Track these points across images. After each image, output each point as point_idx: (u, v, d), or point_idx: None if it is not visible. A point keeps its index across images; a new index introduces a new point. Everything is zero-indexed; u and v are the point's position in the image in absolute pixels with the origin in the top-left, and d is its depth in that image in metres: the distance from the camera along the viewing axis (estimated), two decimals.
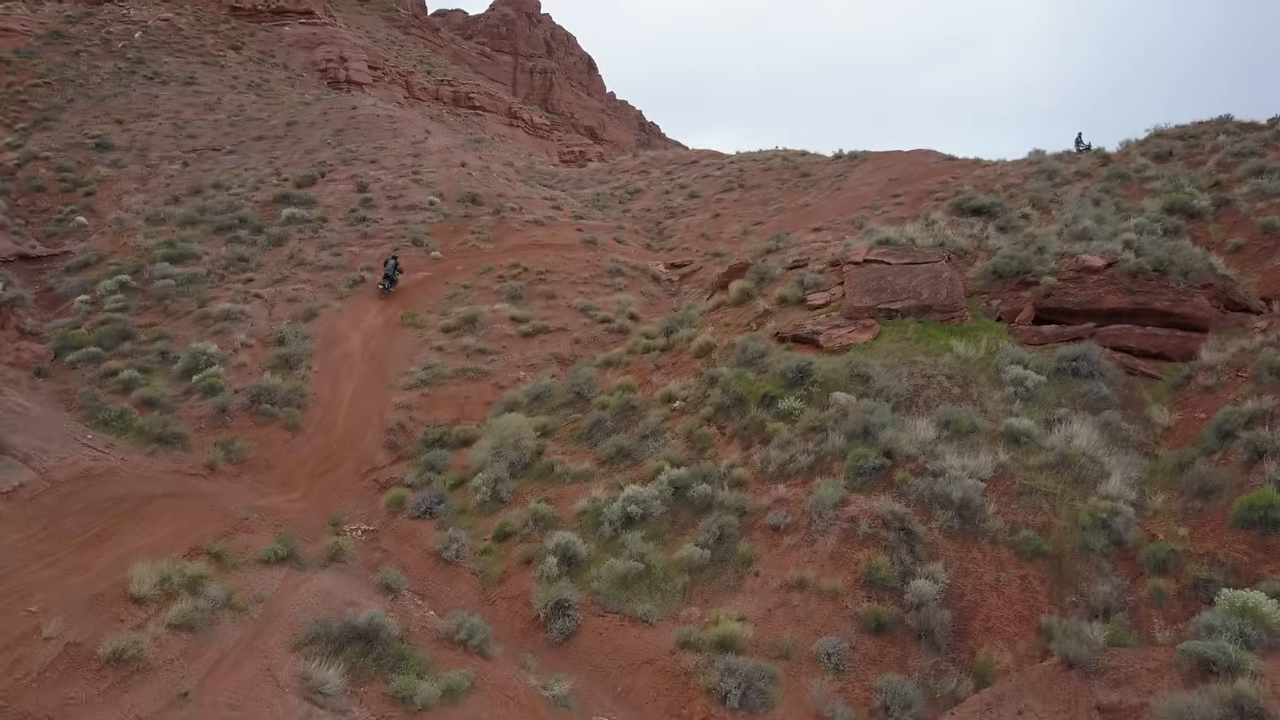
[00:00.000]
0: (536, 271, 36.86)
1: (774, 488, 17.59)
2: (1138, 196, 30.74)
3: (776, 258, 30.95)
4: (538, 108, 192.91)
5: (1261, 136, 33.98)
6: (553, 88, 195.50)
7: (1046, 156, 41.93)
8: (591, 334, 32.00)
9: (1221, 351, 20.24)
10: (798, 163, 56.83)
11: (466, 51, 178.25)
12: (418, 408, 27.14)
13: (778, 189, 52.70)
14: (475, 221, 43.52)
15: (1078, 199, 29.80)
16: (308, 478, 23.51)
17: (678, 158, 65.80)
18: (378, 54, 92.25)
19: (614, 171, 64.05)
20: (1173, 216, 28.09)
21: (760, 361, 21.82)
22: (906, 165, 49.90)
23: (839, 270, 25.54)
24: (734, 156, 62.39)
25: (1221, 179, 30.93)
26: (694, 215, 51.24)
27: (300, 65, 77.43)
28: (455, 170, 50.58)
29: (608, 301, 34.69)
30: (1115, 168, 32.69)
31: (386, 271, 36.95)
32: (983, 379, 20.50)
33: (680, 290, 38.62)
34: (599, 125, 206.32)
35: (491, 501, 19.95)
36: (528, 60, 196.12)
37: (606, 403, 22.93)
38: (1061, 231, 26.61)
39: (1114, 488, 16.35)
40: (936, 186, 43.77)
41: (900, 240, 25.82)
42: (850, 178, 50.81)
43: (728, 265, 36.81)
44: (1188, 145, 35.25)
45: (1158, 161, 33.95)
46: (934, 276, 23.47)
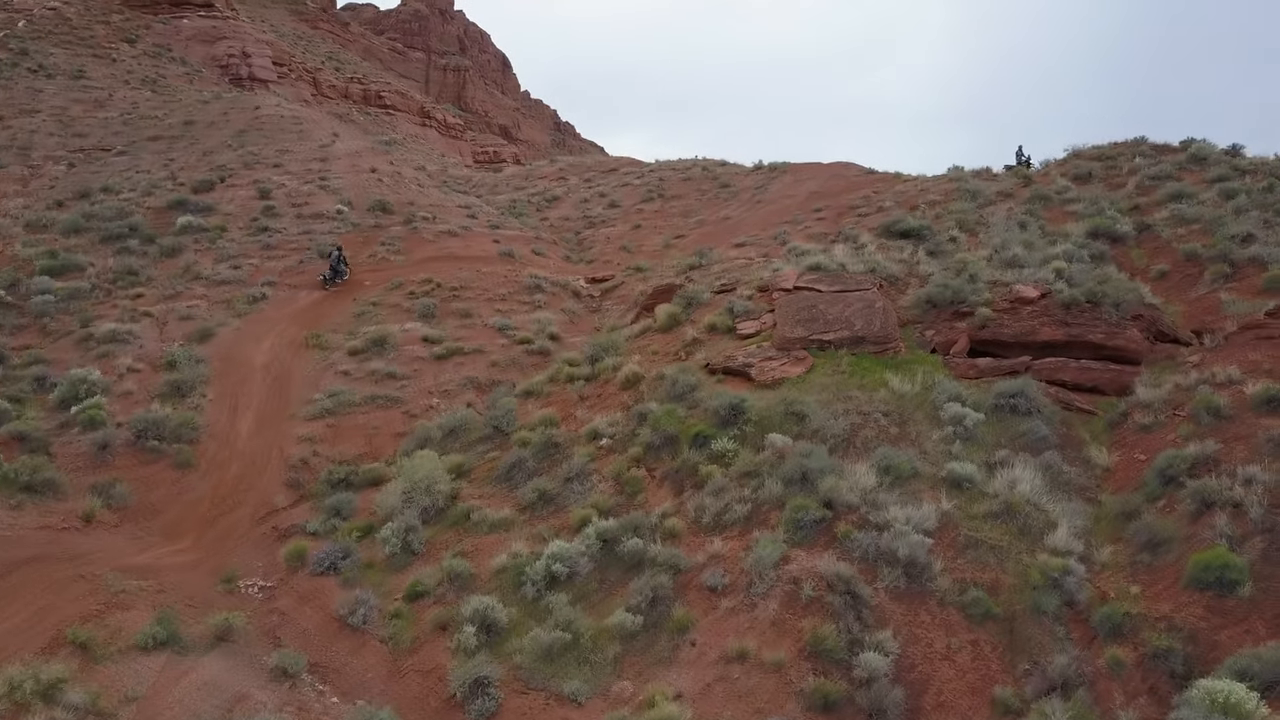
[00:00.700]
0: (450, 287, 35.09)
1: (709, 541, 16.42)
2: (1061, 220, 30.61)
3: (704, 281, 29.93)
4: (451, 106, 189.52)
5: (1176, 160, 34.33)
6: (466, 86, 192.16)
7: (965, 174, 41.89)
8: (510, 356, 30.44)
9: (1157, 388, 19.86)
10: (718, 173, 56.06)
11: (377, 47, 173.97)
12: (322, 440, 25.24)
13: (698, 200, 51.81)
14: (385, 232, 41.45)
15: (1004, 222, 29.51)
16: (199, 524, 21.47)
17: (596, 165, 64.46)
18: (283, 49, 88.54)
19: (530, 177, 62.38)
20: (1097, 241, 27.99)
21: (691, 396, 20.66)
22: (827, 178, 49.52)
23: (769, 297, 24.59)
24: (653, 165, 61.34)
25: (1141, 202, 31.05)
26: (614, 225, 50.00)
27: (200, 60, 73.53)
28: (365, 176, 48.29)
29: (527, 320, 33.16)
30: (1037, 189, 32.58)
31: (331, 263, 36.04)
32: (920, 416, 19.73)
33: (602, 307, 37.30)
34: (513, 124, 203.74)
35: (402, 554, 18.33)
36: (440, 57, 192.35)
37: (527, 439, 21.48)
38: (991, 257, 26.18)
39: (1061, 540, 15.65)
40: (858, 201, 43.39)
41: (831, 266, 25.00)
42: (770, 190, 50.22)
43: (652, 285, 35.67)
44: (1106, 167, 35.44)
45: (1078, 183, 34.00)
46: (867, 306, 22.66)
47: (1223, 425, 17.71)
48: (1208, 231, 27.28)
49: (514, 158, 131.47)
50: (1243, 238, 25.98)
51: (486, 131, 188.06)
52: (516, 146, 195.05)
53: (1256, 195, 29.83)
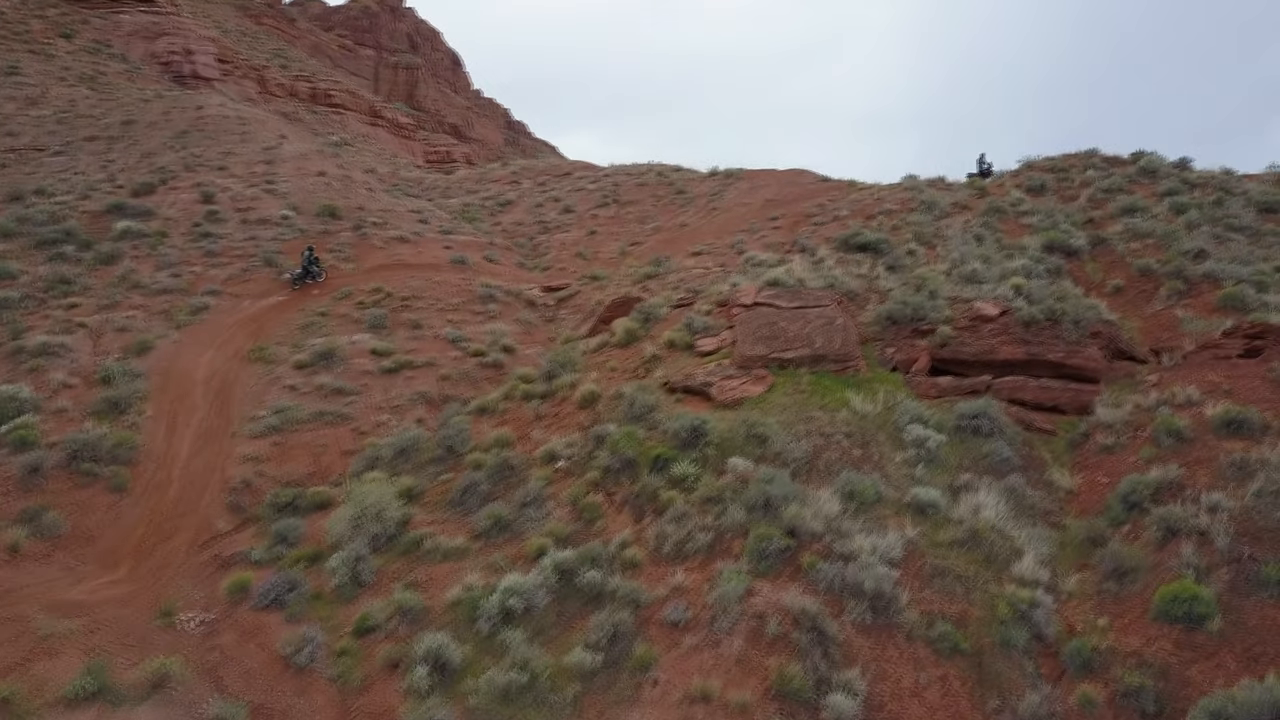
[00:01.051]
0: (400, 297, 34.19)
1: (671, 572, 15.91)
2: (1017, 232, 30.64)
3: (662, 292, 29.49)
4: (402, 104, 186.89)
5: (1127, 173, 34.61)
6: (417, 84, 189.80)
7: (920, 183, 41.92)
8: (462, 369, 29.68)
9: (1117, 408, 19.78)
10: (673, 179, 55.64)
11: (326, 44, 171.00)
12: (267, 460, 24.29)
13: (654, 206, 51.34)
14: (334, 238, 40.37)
15: (961, 235, 29.43)
16: (135, 552, 20.47)
17: (550, 168, 63.71)
18: (228, 46, 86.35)
19: (483, 181, 61.44)
20: (1053, 255, 28.03)
21: (650, 417, 20.14)
22: (782, 185, 49.34)
23: (728, 312, 24.15)
24: (608, 169, 60.74)
25: (1095, 215, 31.20)
26: (569, 231, 49.34)
27: (140, 57, 71.25)
28: (312, 180, 47.05)
29: (479, 332, 32.41)
30: (992, 201, 32.59)
31: (303, 263, 35.80)
32: (883, 438, 19.43)
33: (558, 316, 36.65)
34: (465, 123, 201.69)
35: (351, 585, 17.55)
36: (391, 55, 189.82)
37: (481, 461, 20.80)
38: (950, 272, 26.05)
39: (1028, 568, 15.41)
40: (814, 209, 43.23)
41: (789, 281, 24.65)
42: (726, 196, 49.91)
43: (609, 296, 35.13)
44: (1059, 178, 35.61)
45: (1032, 195, 34.11)
46: (827, 323, 22.33)
47: (1184, 448, 17.64)
48: (1161, 246, 27.45)
49: (465, 158, 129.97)
50: (1195, 253, 26.16)
51: (438, 131, 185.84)
52: (469, 146, 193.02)
53: (1207, 209, 30.14)
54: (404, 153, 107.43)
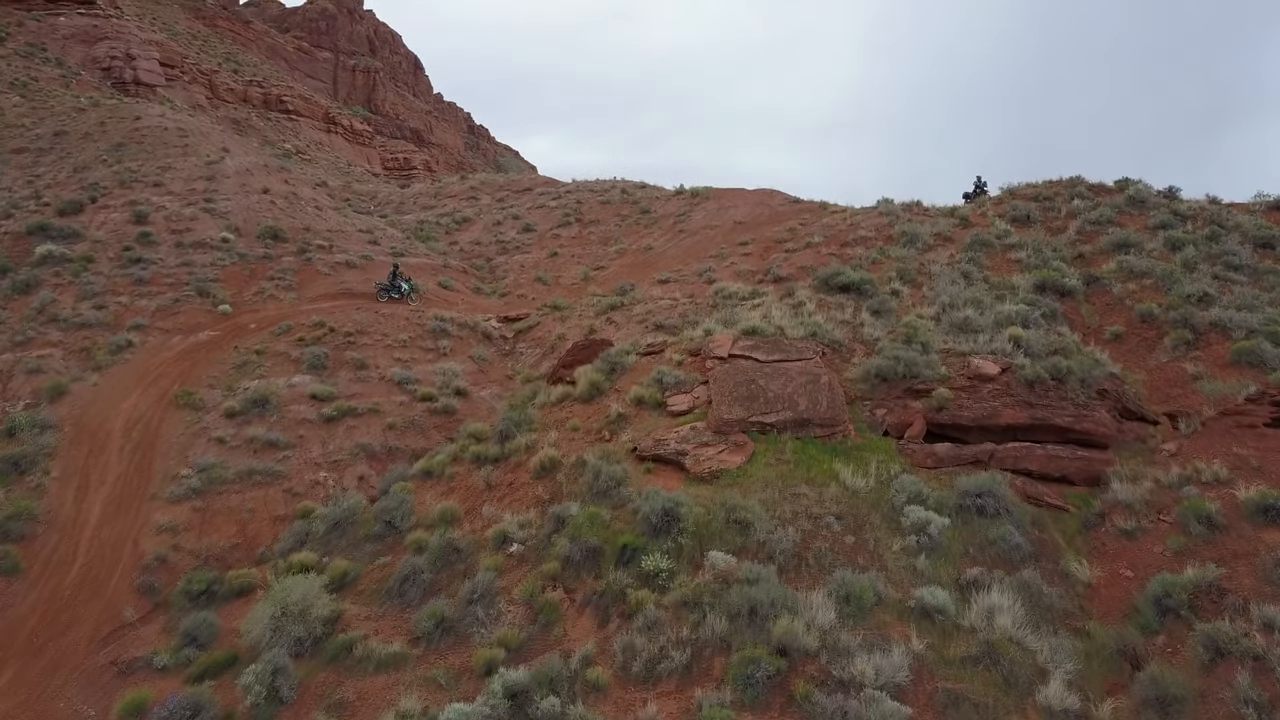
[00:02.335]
0: (345, 332, 31.45)
1: (642, 700, 13.48)
2: (1005, 269, 28.64)
3: (627, 328, 27.06)
4: (360, 108, 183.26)
5: (1114, 203, 32.80)
6: (376, 87, 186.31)
7: (895, 207, 39.91)
8: (410, 417, 27.08)
9: (1134, 484, 17.69)
10: (638, 197, 53.28)
11: (282, 46, 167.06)
12: (187, 529, 21.58)
13: (618, 226, 48.95)
14: (276, 264, 37.51)
15: (947, 273, 27.34)
16: (25, 649, 17.73)
17: (510, 183, 61.07)
18: (175, 50, 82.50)
19: (440, 196, 58.62)
20: (1046, 296, 26.07)
21: (616, 493, 17.72)
22: (751, 207, 47.19)
23: (701, 364, 21.81)
24: (571, 185, 58.25)
25: (1085, 251, 29.31)
26: (529, 252, 46.80)
27: (78, 62, 67.40)
28: (256, 198, 44.06)
29: (430, 372, 29.80)
30: (977, 235, 30.56)
31: (389, 277, 36.81)
32: (877, 520, 17.18)
33: (516, 350, 34.13)
34: (426, 127, 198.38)
35: (268, 704, 14.92)
36: (349, 58, 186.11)
37: (424, 542, 18.26)
38: (939, 317, 23.92)
39: (1055, 695, 13.18)
40: (785, 234, 41.13)
41: (768, 330, 22.35)
42: (693, 217, 47.67)
43: (571, 329, 32.71)
44: (1044, 208, 33.72)
45: (1017, 226, 32.17)
46: (811, 381, 20.05)
47: (1218, 538, 15.56)
48: (1160, 288, 25.55)
49: (425, 164, 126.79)
50: (1199, 297, 24.26)
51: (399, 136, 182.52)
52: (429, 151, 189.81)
53: (1202, 245, 28.33)
54: (360, 160, 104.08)
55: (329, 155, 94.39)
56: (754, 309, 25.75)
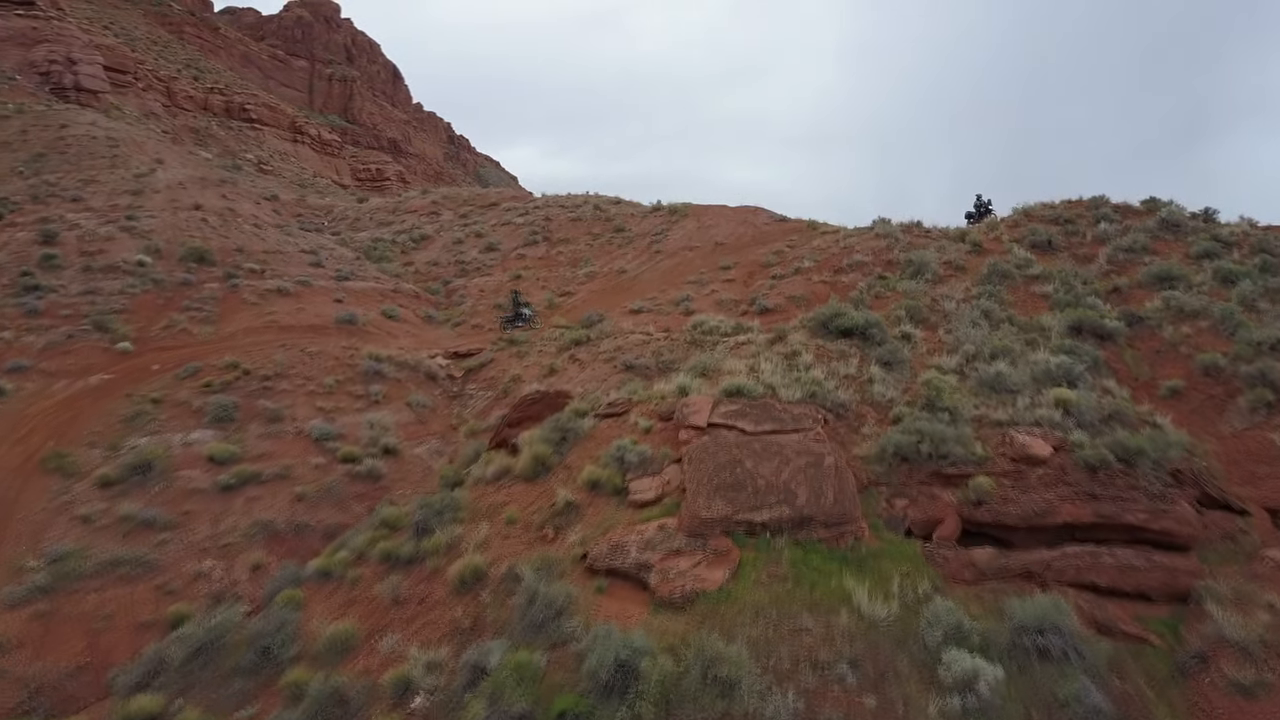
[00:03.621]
0: (262, 375, 26.69)
1: None
2: (1030, 306, 24.24)
3: (590, 369, 22.50)
4: (337, 117, 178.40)
5: (1146, 226, 28.49)
6: (353, 97, 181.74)
7: (894, 228, 35.55)
8: (326, 483, 22.34)
9: (1241, 611, 13.19)
10: (611, 214, 48.70)
11: (257, 54, 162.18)
12: (20, 646, 16.73)
13: (589, 245, 44.36)
14: (196, 291, 32.68)
15: (966, 312, 22.89)
16: None
17: (475, 197, 56.33)
18: (127, 55, 77.40)
19: (398, 211, 53.85)
20: (1084, 342, 21.60)
21: (556, 627, 13.07)
22: (733, 226, 42.71)
23: (673, 433, 17.19)
24: (540, 200, 53.61)
25: (1121, 284, 24.92)
26: (490, 274, 42.12)
27: (14, 66, 62.20)
28: (185, 215, 39.20)
29: (357, 424, 25.09)
30: (995, 264, 26.13)
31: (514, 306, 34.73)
32: (905, 665, 12.59)
33: (465, 392, 29.42)
34: (404, 138, 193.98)
35: None
36: (326, 67, 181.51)
37: (303, 686, 13.53)
38: (963, 370, 19.43)
39: None
40: (771, 258, 36.68)
41: (756, 390, 17.76)
42: (670, 237, 43.12)
43: (527, 372, 28.09)
44: (1066, 232, 29.37)
45: (1039, 254, 27.79)
46: (812, 464, 15.47)
47: None
48: (1220, 332, 21.16)
49: (399, 175, 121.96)
50: (1272, 345, 19.88)
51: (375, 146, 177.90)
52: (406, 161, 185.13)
53: (1257, 278, 24.00)
54: (329, 171, 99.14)
55: (294, 166, 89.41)
56: (739, 357, 21.17)
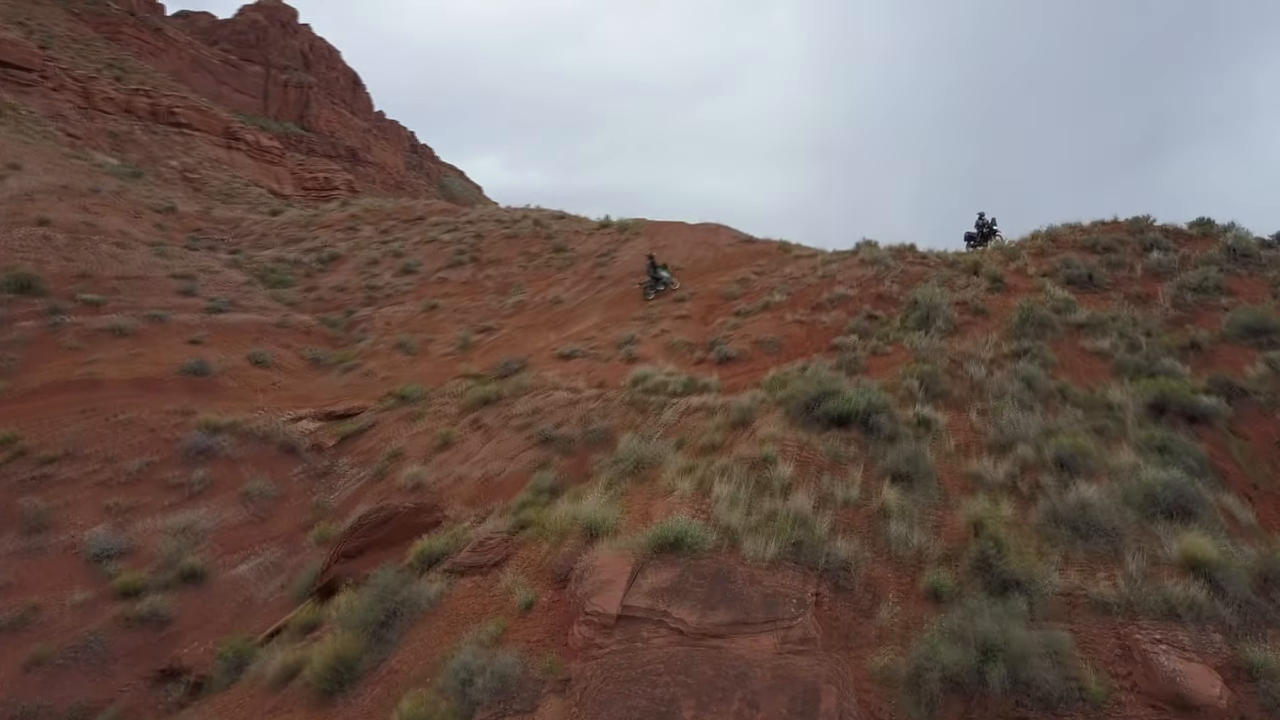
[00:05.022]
0: (44, 457, 19.23)
1: None
2: (1085, 369, 17.39)
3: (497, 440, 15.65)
4: (292, 124, 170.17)
5: (1210, 257, 21.85)
6: (310, 103, 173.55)
7: (882, 254, 28.74)
8: (84, 634, 14.96)
9: None
10: (553, 230, 41.51)
11: (208, 58, 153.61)
12: None
13: (523, 268, 37.12)
14: (3, 332, 25.12)
15: (1004, 384, 15.89)
16: None
17: (400, 211, 48.78)
18: (33, 52, 69.11)
19: (311, 226, 46.22)
20: (1175, 429, 14.81)
21: None
22: (692, 247, 35.69)
23: (564, 618, 10.11)
24: (474, 215, 46.15)
25: (1200, 338, 18.20)
26: (402, 303, 34.78)
27: None
28: (23, 233, 31.52)
29: (158, 530, 17.73)
30: (1028, 308, 19.17)
31: (649, 272, 31.26)
32: None
33: (335, 467, 22.10)
34: (363, 146, 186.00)
35: None
36: (281, 72, 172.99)
37: None
38: (1018, 486, 12.49)
39: None
40: (735, 287, 29.72)
41: (705, 540, 10.65)
42: (618, 259, 36.03)
43: (408, 460, 20.93)
44: (1107, 263, 22.66)
45: (1078, 292, 21.01)
46: (800, 710, 8.45)
47: None
48: None
49: (347, 185, 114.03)
50: None
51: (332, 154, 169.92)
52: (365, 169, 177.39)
53: None
54: (266, 179, 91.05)
55: (225, 174, 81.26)
56: (687, 454, 14.12)
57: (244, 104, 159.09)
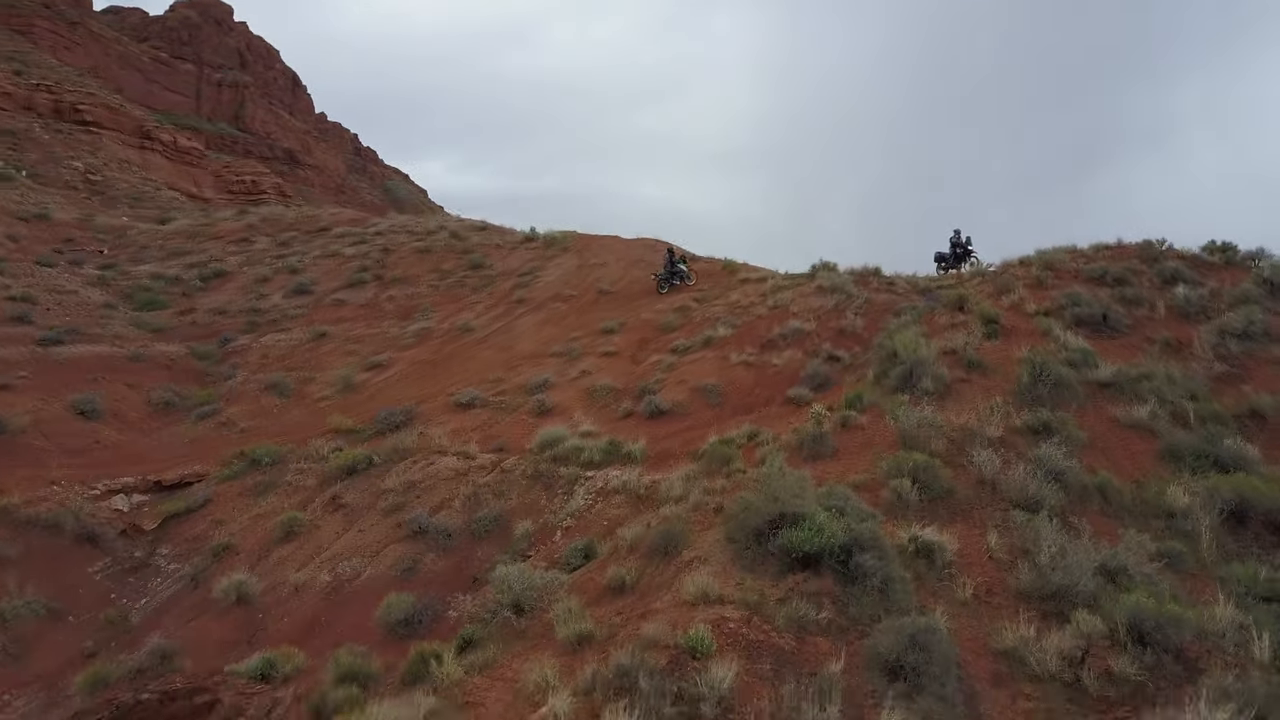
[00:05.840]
0: None
1: None
2: (1123, 451, 12.87)
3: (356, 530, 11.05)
4: (226, 125, 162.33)
5: (1246, 293, 17.57)
6: (245, 103, 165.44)
7: (843, 279, 24.26)
8: None
9: None
10: (471, 243, 36.35)
11: (137, 56, 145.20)
12: None
13: (433, 287, 31.92)
14: None
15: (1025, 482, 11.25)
16: None
17: (303, 220, 43.10)
18: None
19: (201, 237, 40.38)
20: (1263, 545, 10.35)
21: None
22: (626, 266, 30.85)
23: None
24: (385, 226, 40.64)
25: (1262, 405, 13.83)
26: (288, 329, 29.40)
27: None
28: None
29: None
30: (1040, 363, 14.51)
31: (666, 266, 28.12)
32: None
33: (151, 561, 16.84)
34: (302, 148, 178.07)
35: None
36: (215, 71, 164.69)
37: None
38: (1082, 679, 7.82)
39: None
40: (672, 317, 24.99)
41: None
42: (543, 278, 31.07)
43: (218, 578, 15.82)
44: (1120, 297, 18.26)
45: (1093, 337, 16.54)
46: None
47: None
48: None
49: (276, 188, 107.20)
50: None
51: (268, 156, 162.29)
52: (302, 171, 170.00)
53: None
54: (184, 182, 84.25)
55: (135, 176, 74.44)
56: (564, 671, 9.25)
57: (175, 103, 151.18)
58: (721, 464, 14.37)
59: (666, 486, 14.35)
